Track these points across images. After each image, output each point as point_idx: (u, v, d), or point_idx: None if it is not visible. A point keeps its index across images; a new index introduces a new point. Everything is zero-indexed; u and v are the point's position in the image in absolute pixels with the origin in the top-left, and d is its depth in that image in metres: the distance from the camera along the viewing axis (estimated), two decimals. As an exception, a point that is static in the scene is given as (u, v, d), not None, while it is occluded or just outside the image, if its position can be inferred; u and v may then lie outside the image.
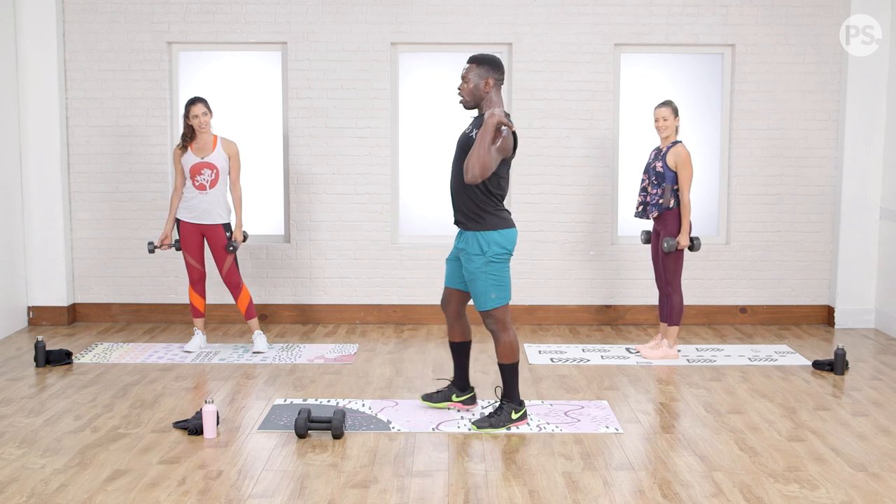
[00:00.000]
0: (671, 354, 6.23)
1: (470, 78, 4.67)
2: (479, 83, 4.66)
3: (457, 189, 4.74)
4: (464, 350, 5.07)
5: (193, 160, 6.22)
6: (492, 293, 4.69)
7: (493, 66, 4.68)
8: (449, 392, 5.13)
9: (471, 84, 4.66)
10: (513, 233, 4.74)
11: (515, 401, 4.84)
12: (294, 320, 7.36)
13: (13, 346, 6.57)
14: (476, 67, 4.66)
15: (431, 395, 5.17)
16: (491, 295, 4.69)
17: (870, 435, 4.71)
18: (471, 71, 4.67)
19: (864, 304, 7.25)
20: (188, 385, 5.60)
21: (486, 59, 4.69)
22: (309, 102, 7.19)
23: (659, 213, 6.11)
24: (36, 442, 4.55)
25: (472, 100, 4.69)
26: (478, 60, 4.68)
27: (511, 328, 4.79)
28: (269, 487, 4.00)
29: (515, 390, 4.84)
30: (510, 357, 4.79)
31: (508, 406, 4.83)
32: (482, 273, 4.68)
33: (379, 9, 7.13)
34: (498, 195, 4.70)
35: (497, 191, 4.69)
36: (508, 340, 4.77)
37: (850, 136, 7.12)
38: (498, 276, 4.70)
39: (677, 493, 3.95)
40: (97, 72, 7.16)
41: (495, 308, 4.72)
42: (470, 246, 4.72)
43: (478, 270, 4.68)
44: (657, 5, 7.14)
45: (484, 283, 4.68)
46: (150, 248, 6.40)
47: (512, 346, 4.78)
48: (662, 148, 6.14)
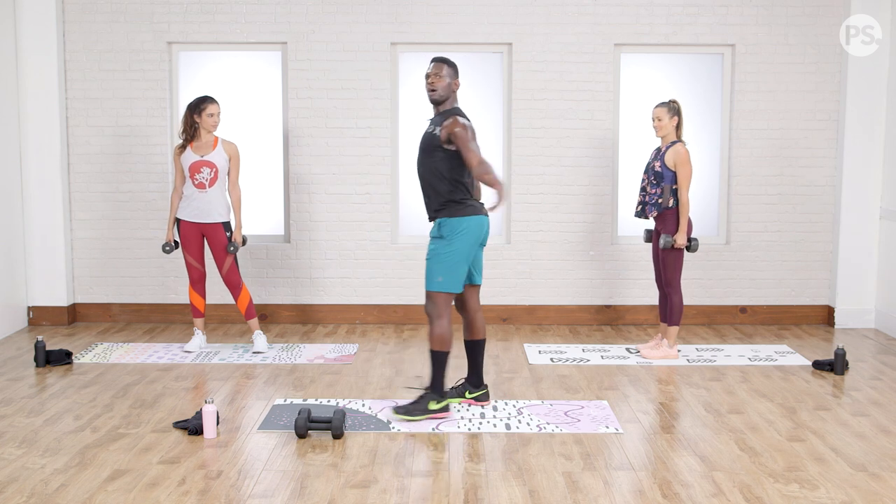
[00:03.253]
0: (671, 354, 6.24)
1: (443, 75, 4.96)
2: (451, 82, 4.99)
3: (424, 182, 4.99)
4: (480, 348, 5.19)
5: (193, 158, 6.22)
6: (438, 275, 4.87)
7: (457, 70, 5.06)
8: (462, 390, 5.21)
9: (445, 81, 4.96)
10: (476, 220, 4.92)
11: (438, 391, 4.96)
12: (294, 320, 7.36)
13: (13, 346, 6.57)
14: (447, 67, 4.98)
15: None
16: (435, 277, 4.88)
17: (870, 435, 4.71)
18: (442, 69, 4.97)
19: (864, 304, 7.25)
20: (188, 385, 5.60)
21: (453, 63, 5.03)
22: (309, 102, 7.19)
23: (658, 212, 6.11)
24: (36, 442, 4.55)
25: (444, 95, 4.98)
26: (447, 62, 5.01)
27: (447, 318, 4.92)
28: (269, 487, 4.00)
29: (440, 380, 4.97)
30: (439, 345, 4.92)
31: (429, 395, 4.94)
32: (435, 254, 4.90)
33: (379, 9, 7.13)
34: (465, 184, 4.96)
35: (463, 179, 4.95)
36: (441, 329, 4.90)
37: (849, 136, 7.12)
38: (450, 262, 4.87)
39: (677, 493, 3.95)
40: (97, 72, 7.16)
41: (438, 292, 4.89)
42: (440, 230, 4.93)
43: (433, 251, 4.91)
44: (657, 5, 7.14)
45: (434, 263, 4.90)
46: (167, 249, 6.39)
47: (443, 336, 4.91)
48: (662, 148, 6.15)
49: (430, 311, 4.93)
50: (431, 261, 4.90)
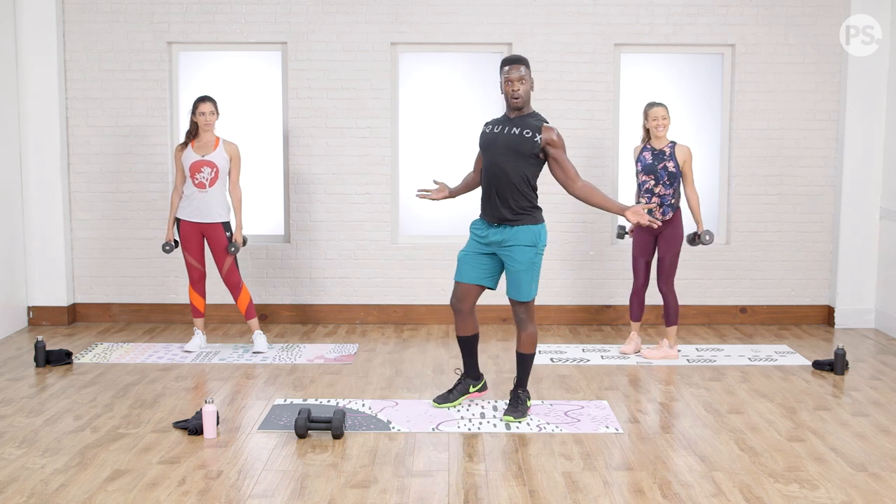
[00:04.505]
0: (671, 354, 6.24)
1: (527, 79, 4.84)
2: (531, 84, 4.87)
3: (505, 187, 4.85)
4: (475, 343, 5.22)
5: (194, 157, 6.22)
6: (533, 284, 4.91)
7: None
8: (465, 386, 5.23)
9: (527, 84, 4.84)
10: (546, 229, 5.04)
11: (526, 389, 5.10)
12: (294, 320, 7.36)
13: (13, 346, 6.57)
14: (526, 68, 4.84)
15: (446, 395, 5.21)
16: (532, 286, 4.90)
17: (870, 435, 4.71)
18: (523, 70, 4.82)
19: (864, 304, 7.25)
20: (188, 385, 5.60)
21: (528, 61, 4.90)
22: (309, 102, 7.19)
23: (672, 213, 6.11)
24: (36, 442, 4.55)
25: (527, 98, 4.87)
26: (525, 62, 4.85)
27: (535, 320, 5.09)
28: (269, 487, 4.00)
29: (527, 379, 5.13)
30: (533, 347, 5.02)
31: (524, 394, 5.06)
32: (532, 264, 4.88)
33: (379, 9, 7.13)
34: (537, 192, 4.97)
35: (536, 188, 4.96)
36: (534, 330, 5.01)
37: (849, 136, 7.12)
38: (539, 268, 4.95)
39: (677, 493, 3.95)
40: (97, 72, 7.16)
41: (531, 300, 4.94)
42: (519, 239, 4.86)
43: (528, 261, 4.87)
44: (657, 5, 7.14)
45: (530, 274, 4.88)
46: (167, 249, 6.38)
47: (535, 336, 5.03)
48: (657, 148, 6.12)
49: (524, 317, 4.94)
50: (528, 272, 4.85)
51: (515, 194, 4.83)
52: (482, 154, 4.97)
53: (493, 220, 4.89)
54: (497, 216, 4.87)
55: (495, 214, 4.88)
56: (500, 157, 4.85)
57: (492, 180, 4.87)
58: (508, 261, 4.89)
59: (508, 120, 4.91)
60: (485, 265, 4.98)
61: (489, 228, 4.92)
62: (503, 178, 4.84)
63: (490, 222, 4.92)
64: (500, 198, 4.86)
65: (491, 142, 4.90)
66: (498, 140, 4.88)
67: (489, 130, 4.95)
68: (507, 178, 4.83)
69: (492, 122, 5.00)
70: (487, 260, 4.97)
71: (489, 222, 4.93)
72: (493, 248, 4.93)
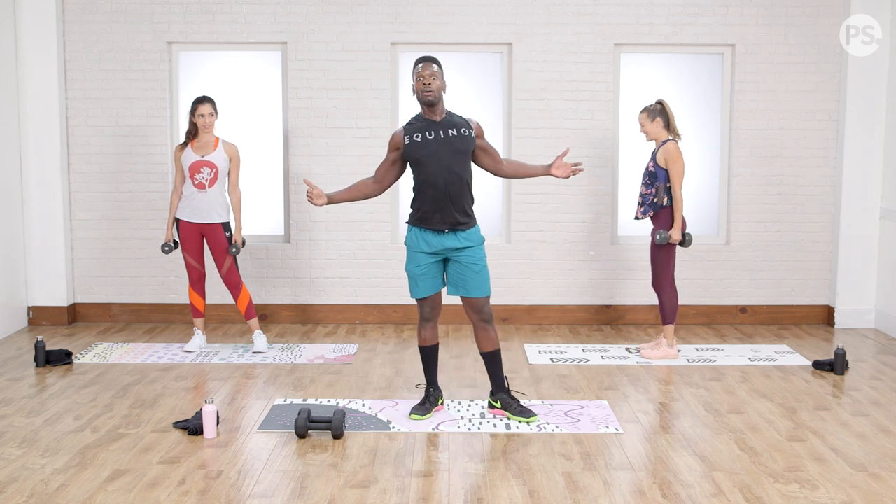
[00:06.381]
0: (671, 354, 6.24)
1: (438, 74, 4.78)
2: (443, 81, 4.83)
3: (459, 191, 4.79)
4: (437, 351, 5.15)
5: (193, 158, 6.22)
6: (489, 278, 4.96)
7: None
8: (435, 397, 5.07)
9: (439, 80, 4.79)
10: None
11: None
12: (294, 320, 7.36)
13: (13, 346, 6.57)
14: (437, 66, 4.80)
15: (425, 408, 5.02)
16: (489, 280, 4.95)
17: (870, 435, 4.71)
18: (435, 68, 4.77)
19: (864, 304, 7.25)
20: (188, 385, 5.60)
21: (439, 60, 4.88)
22: (309, 102, 7.19)
23: (654, 211, 6.12)
24: (36, 442, 4.55)
25: (440, 96, 4.80)
26: (436, 60, 4.83)
27: None
28: (269, 487, 4.01)
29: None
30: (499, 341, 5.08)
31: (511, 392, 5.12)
32: (485, 260, 4.91)
33: (379, 9, 7.13)
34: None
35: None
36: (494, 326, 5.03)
37: (849, 136, 7.12)
38: None
39: (677, 493, 3.95)
40: (97, 72, 7.16)
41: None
42: (473, 239, 4.88)
43: (484, 258, 4.91)
44: (657, 5, 7.14)
45: (486, 269, 4.91)
46: (167, 249, 6.38)
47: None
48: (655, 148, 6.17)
49: (490, 312, 4.94)
50: (486, 267, 4.88)
51: (468, 196, 4.84)
52: (420, 166, 4.77)
53: (445, 226, 4.78)
54: (450, 222, 4.78)
55: (448, 221, 4.78)
56: (450, 161, 4.74)
57: (446, 187, 4.75)
58: (468, 262, 4.83)
59: (434, 124, 4.80)
60: (437, 272, 4.92)
61: (439, 236, 4.81)
62: (457, 182, 4.76)
63: (440, 230, 4.79)
64: (455, 203, 4.78)
65: (431, 150, 4.74)
66: (439, 146, 4.75)
67: (420, 139, 4.76)
68: (462, 181, 4.78)
69: (412, 129, 4.82)
70: (437, 266, 4.91)
71: (439, 230, 4.79)
72: (446, 254, 4.85)
